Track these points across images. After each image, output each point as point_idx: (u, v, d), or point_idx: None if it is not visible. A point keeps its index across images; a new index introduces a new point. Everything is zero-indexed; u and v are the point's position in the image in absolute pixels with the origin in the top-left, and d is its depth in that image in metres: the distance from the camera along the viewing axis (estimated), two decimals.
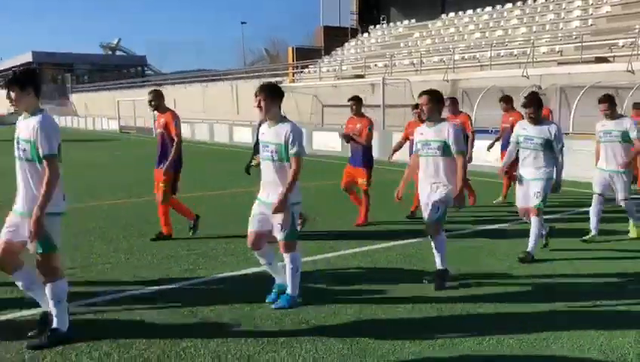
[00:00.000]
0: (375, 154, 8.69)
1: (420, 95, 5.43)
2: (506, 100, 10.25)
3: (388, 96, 21.68)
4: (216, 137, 29.27)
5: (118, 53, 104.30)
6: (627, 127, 6.96)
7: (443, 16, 32.71)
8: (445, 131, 5.28)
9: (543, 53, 21.23)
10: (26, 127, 3.96)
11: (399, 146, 8.91)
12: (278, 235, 4.76)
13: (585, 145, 13.26)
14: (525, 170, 6.39)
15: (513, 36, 24.80)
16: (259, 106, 4.68)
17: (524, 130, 6.39)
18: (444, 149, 5.30)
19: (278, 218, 4.69)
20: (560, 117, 17.37)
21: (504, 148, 9.77)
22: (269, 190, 4.79)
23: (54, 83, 74.07)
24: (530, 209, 6.32)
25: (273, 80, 32.87)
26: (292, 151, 4.64)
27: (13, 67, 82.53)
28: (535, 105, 6.27)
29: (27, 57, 77.38)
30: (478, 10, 30.26)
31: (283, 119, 4.79)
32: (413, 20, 34.10)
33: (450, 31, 29.66)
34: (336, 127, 22.76)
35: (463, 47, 25.58)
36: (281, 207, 4.63)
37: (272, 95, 4.69)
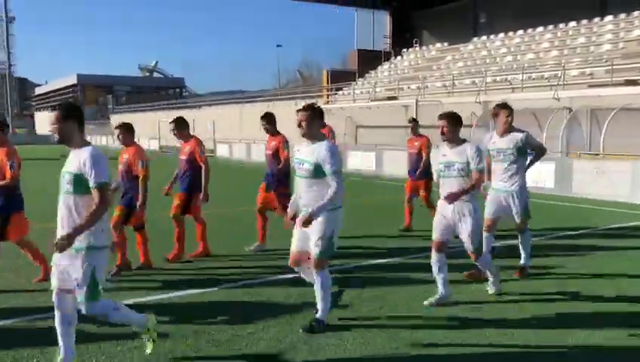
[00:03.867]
0: None
1: None
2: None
3: (421, 117, 22.33)
4: (253, 156, 30.35)
5: (155, 74, 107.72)
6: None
7: (475, 39, 33.36)
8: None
9: (574, 75, 21.68)
10: None
11: None
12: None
13: (615, 166, 13.75)
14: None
15: (544, 59, 25.28)
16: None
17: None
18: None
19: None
20: (591, 138, 17.86)
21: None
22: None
23: (96, 104, 76.94)
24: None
25: (307, 101, 33.85)
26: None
27: (60, 88, 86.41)
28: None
29: (72, 79, 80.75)
30: (510, 33, 30.82)
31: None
32: (445, 43, 34.83)
33: (482, 54, 30.27)
34: (369, 146, 23.54)
35: (495, 69, 26.15)
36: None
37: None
